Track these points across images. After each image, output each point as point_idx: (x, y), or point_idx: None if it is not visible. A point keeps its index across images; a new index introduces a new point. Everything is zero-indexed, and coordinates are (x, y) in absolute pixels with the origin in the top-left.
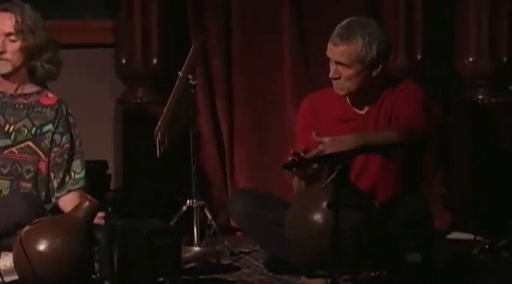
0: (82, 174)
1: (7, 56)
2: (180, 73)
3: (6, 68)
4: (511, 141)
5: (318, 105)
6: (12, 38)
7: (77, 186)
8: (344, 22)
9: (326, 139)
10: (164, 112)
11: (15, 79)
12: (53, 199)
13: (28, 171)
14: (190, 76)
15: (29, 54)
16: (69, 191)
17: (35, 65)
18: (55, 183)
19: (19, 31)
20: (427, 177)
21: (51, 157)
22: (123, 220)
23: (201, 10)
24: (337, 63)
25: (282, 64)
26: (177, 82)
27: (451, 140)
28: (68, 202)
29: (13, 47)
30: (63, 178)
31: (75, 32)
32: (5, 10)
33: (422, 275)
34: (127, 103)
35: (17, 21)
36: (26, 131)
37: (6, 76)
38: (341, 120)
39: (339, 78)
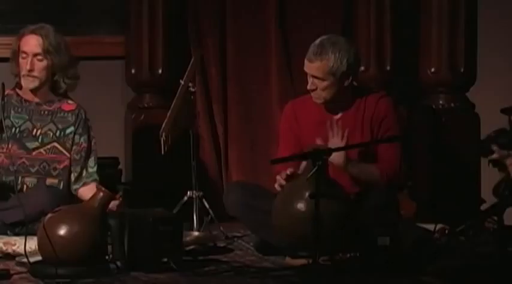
0: (95, 169)
1: (35, 73)
2: (181, 81)
3: (34, 84)
4: (467, 141)
5: (299, 109)
6: (39, 57)
7: (91, 179)
8: (317, 41)
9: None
10: (168, 115)
11: (40, 92)
12: (73, 191)
13: (55, 169)
14: (190, 84)
15: (53, 71)
16: (85, 183)
17: (57, 80)
18: (72, 177)
19: (45, 51)
20: (394, 171)
21: (71, 155)
22: (132, 209)
23: (199, 27)
24: (313, 76)
25: (270, 74)
26: (179, 89)
27: (415, 140)
28: (86, 191)
29: (40, 66)
30: (80, 173)
31: (91, 46)
32: (33, 33)
33: (391, 257)
34: (136, 108)
35: (43, 43)
36: (52, 134)
37: (33, 90)
38: (318, 123)
39: (316, 89)
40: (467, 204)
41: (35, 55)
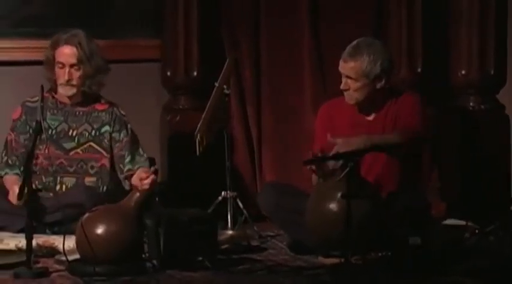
0: (145, 156)
1: (73, 82)
2: (216, 84)
3: (72, 91)
4: (496, 142)
5: (333, 111)
6: (76, 67)
7: (145, 164)
8: (354, 42)
9: (339, 140)
10: (203, 117)
11: (75, 94)
12: (125, 174)
13: (92, 167)
14: (225, 86)
15: (89, 78)
16: (140, 167)
17: (88, 84)
18: (126, 162)
19: (80, 61)
20: (425, 172)
21: (114, 153)
22: (168, 209)
23: (234, 30)
24: (347, 77)
25: (303, 76)
26: (213, 91)
27: (446, 141)
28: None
29: (76, 75)
30: (133, 158)
31: (128, 49)
32: (68, 43)
33: (422, 256)
34: (171, 110)
35: (78, 53)
36: (87, 134)
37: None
38: (352, 124)
39: (349, 89)
40: (496, 204)
41: (72, 66)
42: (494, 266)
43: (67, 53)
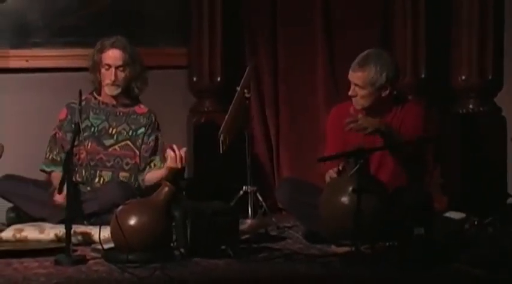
0: (161, 166)
1: (118, 82)
2: (238, 88)
3: (117, 91)
4: (494, 141)
5: (342, 114)
6: (121, 69)
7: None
8: (363, 53)
9: (360, 116)
10: (226, 118)
11: (117, 96)
12: (140, 182)
13: (127, 163)
14: (245, 90)
15: (130, 78)
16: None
17: (132, 86)
18: (140, 169)
19: (125, 64)
20: (428, 170)
21: (140, 151)
22: (194, 202)
23: (253, 39)
24: (355, 84)
25: (317, 81)
26: (235, 95)
27: (447, 140)
28: (150, 174)
29: (122, 76)
30: (144, 167)
31: (158, 56)
32: (114, 47)
33: (425, 245)
34: (197, 112)
35: (124, 56)
36: (125, 133)
37: (114, 96)
38: None
39: (356, 96)
40: (494, 198)
41: (118, 67)
42: (493, 255)
43: (114, 55)
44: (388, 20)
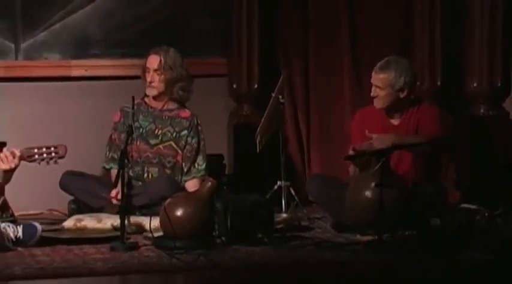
0: (203, 166)
1: (154, 84)
2: (273, 94)
3: (153, 92)
4: (501, 142)
5: (366, 116)
6: (158, 72)
7: (199, 175)
8: (385, 59)
9: (374, 136)
10: (262, 121)
11: (161, 100)
12: (182, 182)
13: (169, 162)
14: (280, 96)
15: (168, 84)
16: (193, 177)
17: (172, 91)
18: (185, 170)
19: (162, 68)
20: (443, 167)
21: (184, 153)
22: (234, 195)
23: (287, 50)
24: (376, 86)
25: (343, 87)
26: (271, 100)
27: (460, 141)
28: (190, 186)
29: (157, 79)
30: (189, 168)
31: (202, 66)
32: (155, 53)
33: (440, 234)
34: (236, 115)
35: (161, 61)
36: (169, 134)
37: (154, 98)
38: (380, 127)
39: (377, 96)
40: (502, 192)
41: (155, 70)
42: (501, 243)
43: (152, 60)
44: (407, 32)
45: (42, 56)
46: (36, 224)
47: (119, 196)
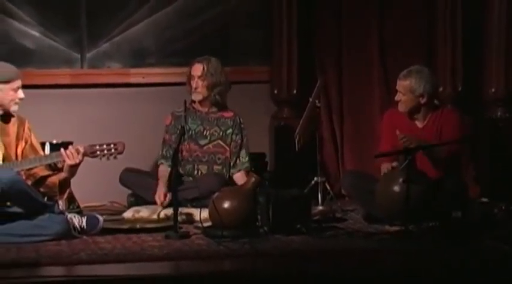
0: (246, 159)
1: (198, 90)
2: (310, 99)
3: (198, 97)
4: None
5: (394, 117)
6: (201, 78)
7: (243, 167)
8: (409, 68)
9: (403, 136)
10: (300, 123)
11: (206, 104)
12: (231, 174)
13: (219, 158)
14: (316, 100)
15: (210, 88)
16: (239, 170)
17: (213, 95)
18: (231, 164)
19: (204, 75)
20: (464, 164)
21: (230, 148)
22: (275, 189)
23: (323, 59)
24: (399, 91)
25: (373, 92)
26: (308, 104)
27: (480, 142)
28: (238, 178)
29: (201, 85)
30: (235, 161)
31: (246, 73)
32: (199, 62)
33: (462, 226)
34: (277, 118)
35: (203, 69)
36: (217, 134)
37: (200, 102)
38: (407, 129)
39: (400, 100)
40: None
41: (199, 77)
42: None
43: (197, 68)
44: (431, 42)
45: (105, 64)
46: (99, 216)
47: (168, 198)
